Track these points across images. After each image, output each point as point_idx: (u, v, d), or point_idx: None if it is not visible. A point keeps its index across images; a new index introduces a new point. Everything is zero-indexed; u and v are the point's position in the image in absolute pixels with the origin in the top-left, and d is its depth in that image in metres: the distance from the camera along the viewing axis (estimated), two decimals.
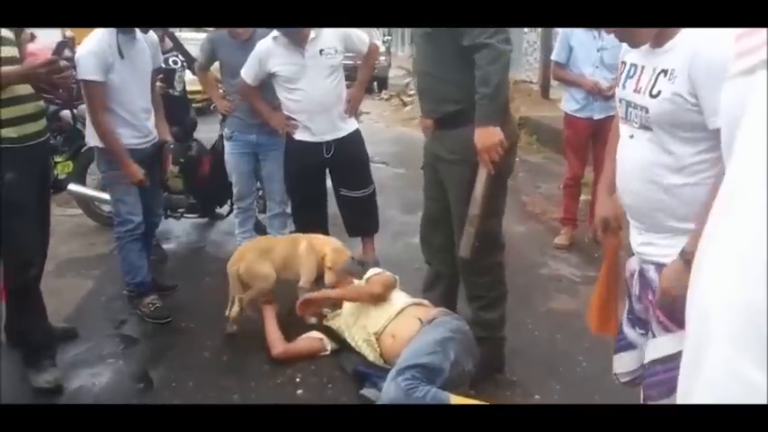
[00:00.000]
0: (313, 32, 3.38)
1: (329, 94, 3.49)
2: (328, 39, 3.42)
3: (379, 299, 2.86)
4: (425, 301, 2.82)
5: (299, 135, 3.55)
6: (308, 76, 3.41)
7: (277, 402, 2.63)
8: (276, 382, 2.78)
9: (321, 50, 3.40)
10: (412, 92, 11.35)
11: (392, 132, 9.23)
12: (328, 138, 3.54)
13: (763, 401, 0.52)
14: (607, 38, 4.04)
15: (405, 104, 11.66)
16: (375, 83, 13.92)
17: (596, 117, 4.16)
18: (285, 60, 3.40)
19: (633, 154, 1.68)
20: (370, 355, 2.76)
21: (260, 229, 4.26)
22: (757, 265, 0.54)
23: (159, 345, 3.15)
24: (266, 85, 3.59)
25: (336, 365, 2.86)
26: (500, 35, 2.33)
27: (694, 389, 0.62)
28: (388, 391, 2.32)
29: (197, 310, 3.49)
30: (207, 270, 4.03)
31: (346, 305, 3.01)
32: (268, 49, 3.42)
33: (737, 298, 0.56)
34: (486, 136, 2.35)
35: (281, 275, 3.21)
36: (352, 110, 3.69)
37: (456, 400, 2.29)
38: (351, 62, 4.00)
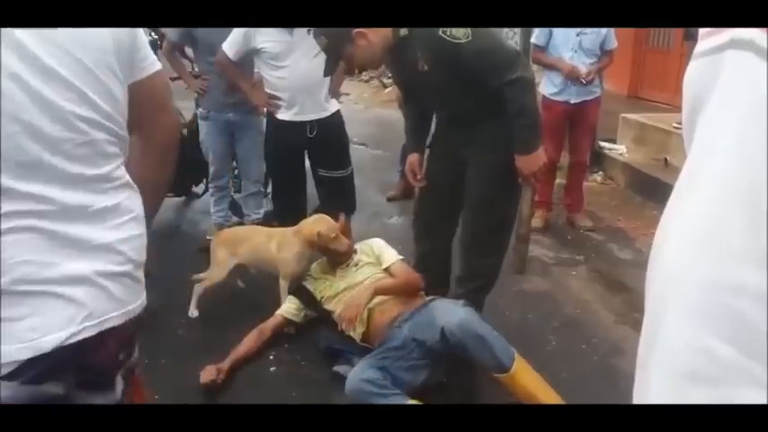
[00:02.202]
0: None
1: (315, 74, 3.44)
2: None
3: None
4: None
5: (282, 114, 3.52)
6: (296, 54, 3.38)
7: (250, 379, 2.65)
8: None
9: (309, 30, 3.36)
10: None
11: (371, 114, 9.21)
12: (312, 117, 3.52)
13: (723, 371, 0.54)
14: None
15: (384, 86, 11.60)
16: None
17: (573, 101, 4.20)
18: (273, 37, 3.35)
19: None
20: (359, 328, 2.66)
21: (235, 209, 4.25)
22: (718, 240, 0.55)
23: None
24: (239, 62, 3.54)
25: (310, 343, 2.88)
26: (522, 63, 2.38)
27: (650, 360, 0.63)
28: (457, 312, 2.35)
29: (171, 288, 3.47)
30: (182, 249, 4.01)
31: (343, 281, 2.87)
32: None
33: (698, 273, 0.57)
34: (533, 161, 2.43)
35: (255, 267, 3.22)
36: (334, 91, 3.67)
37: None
38: None
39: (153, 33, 4.35)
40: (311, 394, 2.56)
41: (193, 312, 3.13)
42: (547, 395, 2.28)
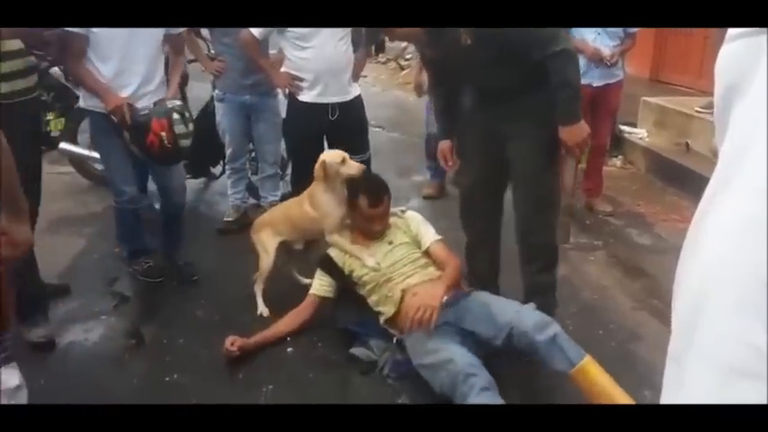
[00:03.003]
0: None
1: (340, 56, 3.44)
2: None
3: None
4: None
5: (304, 96, 3.49)
6: (322, 35, 3.36)
7: (267, 360, 2.67)
8: None
9: None
10: (409, 56, 11.17)
11: (388, 96, 9.15)
12: (334, 100, 3.50)
13: None
14: None
15: (402, 68, 11.50)
16: (372, 46, 13.70)
17: (596, 84, 4.14)
18: None
19: None
20: (390, 309, 2.61)
21: (252, 191, 4.26)
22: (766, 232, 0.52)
23: (151, 302, 3.18)
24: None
25: (327, 324, 2.88)
26: (565, 35, 2.36)
27: (688, 353, 0.60)
28: (533, 315, 2.33)
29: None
30: (200, 230, 4.03)
31: (374, 259, 2.72)
32: None
33: (748, 264, 0.54)
34: (577, 132, 2.44)
35: (298, 240, 3.15)
36: (356, 75, 3.65)
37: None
38: None
39: None
40: (328, 376, 2.57)
41: (264, 311, 3.00)
42: (615, 392, 2.17)
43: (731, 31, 0.64)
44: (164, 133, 2.89)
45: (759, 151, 0.56)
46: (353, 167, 2.84)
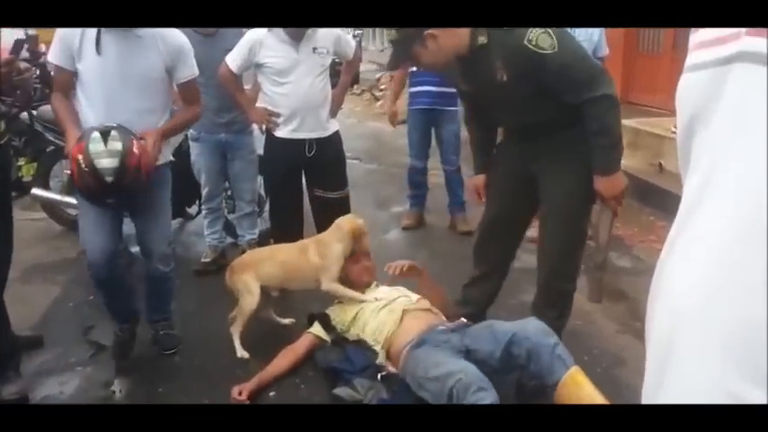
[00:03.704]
0: (310, 29, 3.32)
1: (318, 92, 3.43)
2: (322, 38, 3.37)
3: None
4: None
5: (280, 132, 3.47)
6: (300, 71, 3.35)
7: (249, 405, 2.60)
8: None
9: (315, 48, 3.35)
10: (383, 86, 11.30)
11: (364, 128, 9.19)
12: (312, 136, 3.48)
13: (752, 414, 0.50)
14: (579, 30, 4.04)
15: (376, 99, 11.61)
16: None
17: None
18: (278, 53, 3.33)
19: None
20: (390, 327, 2.68)
21: (230, 230, 4.22)
22: (742, 272, 0.51)
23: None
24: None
25: (309, 365, 2.83)
26: (607, 80, 2.27)
27: (661, 399, 0.59)
28: (536, 323, 2.39)
29: None
30: (177, 272, 3.95)
31: (380, 299, 2.87)
32: (261, 40, 3.32)
33: (720, 308, 0.52)
34: (614, 184, 2.35)
35: (281, 287, 3.13)
36: (334, 111, 3.65)
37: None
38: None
39: None
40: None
41: (243, 354, 2.92)
42: (600, 400, 2.25)
43: (693, 60, 0.64)
44: (80, 156, 2.44)
45: (724, 181, 0.55)
46: (367, 245, 3.11)
